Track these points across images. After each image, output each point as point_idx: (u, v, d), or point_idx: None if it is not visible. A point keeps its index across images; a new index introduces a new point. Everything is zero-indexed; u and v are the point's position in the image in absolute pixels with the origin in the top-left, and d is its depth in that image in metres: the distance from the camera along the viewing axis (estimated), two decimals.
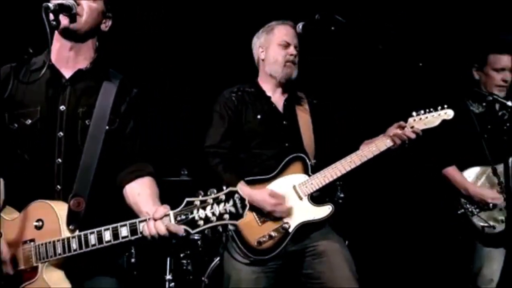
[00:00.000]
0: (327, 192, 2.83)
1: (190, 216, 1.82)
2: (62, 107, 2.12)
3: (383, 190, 4.34)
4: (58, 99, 2.13)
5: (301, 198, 2.73)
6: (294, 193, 2.74)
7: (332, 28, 2.51)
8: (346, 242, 3.62)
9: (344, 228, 2.90)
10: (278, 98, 2.94)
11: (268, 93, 2.93)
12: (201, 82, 4.20)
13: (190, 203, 1.84)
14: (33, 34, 2.03)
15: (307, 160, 2.79)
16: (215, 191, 1.82)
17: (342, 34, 2.52)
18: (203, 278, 3.78)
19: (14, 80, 2.03)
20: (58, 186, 2.09)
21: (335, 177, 2.74)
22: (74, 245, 1.97)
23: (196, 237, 3.82)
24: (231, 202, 1.79)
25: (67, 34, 2.13)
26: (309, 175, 2.77)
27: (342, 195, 3.80)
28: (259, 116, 2.84)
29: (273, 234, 2.67)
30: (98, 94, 2.16)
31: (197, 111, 3.94)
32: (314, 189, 2.73)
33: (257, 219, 2.70)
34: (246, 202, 1.81)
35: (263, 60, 2.96)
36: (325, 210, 2.73)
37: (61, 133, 2.11)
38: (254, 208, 2.66)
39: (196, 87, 4.23)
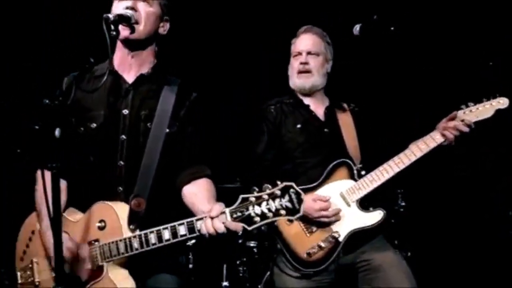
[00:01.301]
0: (384, 199, 2.75)
1: (246, 213, 1.83)
2: (125, 111, 2.21)
3: (447, 197, 4.14)
4: (122, 103, 2.22)
5: (349, 205, 2.65)
6: (342, 200, 2.67)
7: (392, 28, 2.45)
8: (408, 253, 3.51)
9: (405, 238, 2.79)
10: (317, 106, 2.91)
11: (306, 102, 2.90)
12: (260, 89, 4.23)
13: (245, 200, 1.85)
14: (97, 43, 2.12)
15: (352, 165, 2.73)
16: (270, 186, 1.83)
17: (402, 33, 2.45)
18: (259, 286, 3.75)
19: (77, 88, 2.13)
20: (120, 188, 2.17)
21: (383, 179, 2.65)
22: (135, 244, 2.04)
23: (252, 244, 3.84)
24: (287, 197, 1.80)
25: (128, 43, 2.23)
26: (355, 180, 2.70)
27: (403, 204, 3.66)
28: (299, 126, 2.81)
29: (322, 244, 2.59)
30: (159, 98, 2.23)
31: (251, 118, 3.97)
32: (363, 194, 2.66)
33: (305, 230, 2.64)
34: (302, 197, 1.80)
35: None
36: (376, 216, 2.63)
37: (124, 136, 2.19)
38: (301, 218, 2.59)
39: (254, 94, 4.25)
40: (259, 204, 1.81)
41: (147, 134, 2.18)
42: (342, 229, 2.61)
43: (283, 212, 1.79)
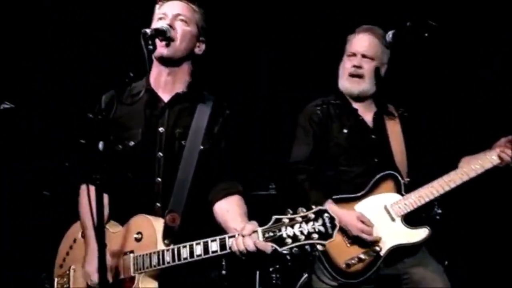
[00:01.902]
0: (423, 209, 2.66)
1: (278, 234, 1.82)
2: (161, 129, 2.24)
3: (486, 204, 4.00)
4: (158, 121, 2.25)
5: (393, 219, 2.60)
6: (386, 214, 2.61)
7: (426, 34, 2.34)
8: (446, 262, 3.41)
9: (442, 247, 2.74)
10: (365, 111, 2.81)
11: (354, 105, 2.80)
12: (288, 95, 4.18)
13: (278, 221, 1.84)
14: (133, 60, 2.15)
15: (400, 178, 2.65)
16: (304, 209, 1.82)
17: (436, 39, 2.36)
18: None
19: (118, 104, 2.17)
20: (158, 204, 2.20)
21: (431, 197, 2.57)
22: (167, 257, 2.06)
23: (285, 252, 3.83)
24: (320, 221, 1.78)
25: (163, 60, 2.25)
26: (402, 195, 2.63)
27: (439, 211, 3.50)
28: (345, 131, 2.72)
29: (362, 256, 2.55)
30: (193, 116, 2.27)
31: (284, 125, 3.94)
32: (408, 210, 2.59)
33: (345, 240, 2.60)
34: (336, 222, 1.78)
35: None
36: (421, 234, 2.57)
37: (161, 154, 2.22)
38: (343, 228, 2.57)
39: (282, 100, 4.22)
40: (292, 226, 1.81)
41: (182, 151, 2.22)
42: (384, 244, 2.56)
43: (315, 236, 1.78)
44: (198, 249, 2.00)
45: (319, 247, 1.75)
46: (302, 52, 4.01)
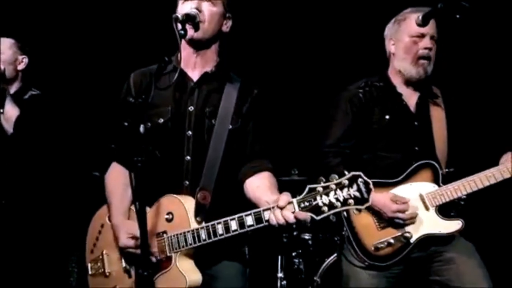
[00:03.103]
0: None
1: (314, 203, 1.82)
2: (190, 108, 2.26)
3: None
4: (187, 100, 2.27)
5: (427, 209, 2.57)
6: (421, 202, 2.58)
7: (457, 16, 2.22)
8: None
9: (468, 232, 2.65)
10: (410, 95, 2.72)
11: (399, 89, 2.72)
12: (312, 80, 4.17)
13: (312, 190, 1.84)
14: (162, 43, 2.17)
15: (439, 169, 2.61)
16: (337, 176, 1.82)
17: (468, 21, 2.25)
18: (315, 278, 3.76)
19: (155, 89, 2.14)
20: (186, 182, 2.22)
21: (469, 191, 2.53)
22: (203, 235, 2.08)
23: (307, 237, 3.84)
24: (355, 187, 1.77)
25: (193, 43, 2.27)
26: (439, 185, 2.59)
27: (464, 196, 3.49)
28: (387, 116, 2.65)
29: (392, 241, 2.53)
30: (221, 95, 2.29)
31: (307, 110, 3.94)
32: (444, 201, 2.55)
33: (376, 223, 2.57)
34: (371, 186, 1.77)
35: (393, 54, 2.73)
36: (454, 225, 2.55)
37: (190, 132, 2.24)
38: (374, 211, 2.55)
39: (306, 85, 4.20)
40: (327, 194, 1.81)
41: (211, 130, 2.24)
42: (415, 231, 2.54)
43: (351, 201, 1.77)
44: (234, 224, 2.02)
45: (355, 211, 1.76)
46: (331, 34, 3.99)
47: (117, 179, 2.31)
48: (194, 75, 2.31)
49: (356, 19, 3.88)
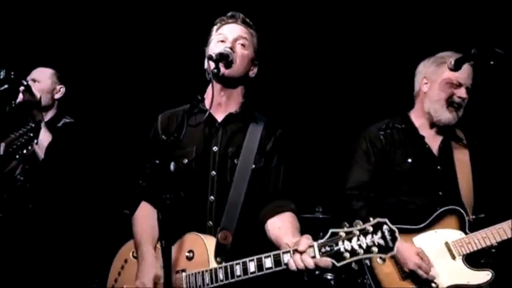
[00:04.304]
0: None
1: (335, 248, 1.76)
2: (215, 148, 2.26)
3: None
4: (212, 140, 2.27)
5: (454, 258, 2.48)
6: (447, 251, 2.50)
7: (492, 62, 2.19)
8: None
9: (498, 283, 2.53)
10: (433, 138, 2.69)
11: (422, 132, 2.69)
12: (335, 120, 4.13)
13: (335, 234, 1.78)
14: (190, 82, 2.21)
15: (465, 215, 2.53)
16: (361, 222, 1.75)
17: (502, 68, 2.22)
18: None
19: (187, 126, 2.14)
20: (210, 222, 2.20)
21: (498, 240, 2.44)
22: (221, 275, 2.02)
23: (329, 277, 3.73)
24: (379, 234, 1.70)
25: (222, 80, 2.27)
26: (466, 233, 2.51)
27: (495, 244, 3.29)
28: (409, 160, 2.62)
29: None
30: (245, 135, 2.28)
31: (331, 149, 3.86)
32: (472, 250, 2.47)
33: (400, 272, 2.50)
34: (397, 234, 1.70)
35: (425, 93, 2.70)
36: (483, 277, 2.45)
37: (214, 172, 2.23)
38: (397, 261, 2.49)
39: (329, 125, 4.16)
40: (350, 240, 1.74)
41: (234, 170, 2.22)
42: (442, 282, 2.45)
43: (375, 249, 1.69)
44: (252, 266, 1.96)
45: (379, 260, 1.64)
46: (352, 75, 3.97)
47: (146, 220, 2.29)
48: (219, 115, 2.32)
49: (376, 58, 3.86)
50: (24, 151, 2.76)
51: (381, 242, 1.70)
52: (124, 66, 3.92)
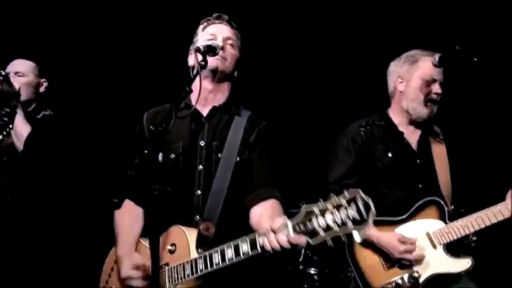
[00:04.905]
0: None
1: (310, 226, 1.71)
2: (201, 142, 2.27)
3: None
4: (198, 135, 2.29)
5: (435, 247, 2.52)
6: (427, 240, 2.53)
7: (475, 59, 2.24)
8: None
9: (478, 276, 2.58)
10: (411, 134, 2.74)
11: (400, 128, 2.74)
12: (321, 113, 4.11)
13: (309, 212, 1.74)
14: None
15: (444, 206, 2.57)
16: (335, 197, 1.70)
17: (486, 65, 2.27)
18: None
19: (175, 117, 2.11)
20: (197, 217, 2.19)
21: (477, 228, 2.49)
22: (200, 265, 2.00)
23: (312, 272, 3.68)
24: (353, 207, 1.64)
25: (214, 73, 2.28)
26: (445, 223, 2.54)
27: (474, 238, 3.30)
28: (390, 154, 2.66)
29: (400, 282, 2.46)
30: (229, 129, 2.30)
31: (314, 142, 3.84)
32: (452, 239, 2.51)
33: (383, 263, 2.52)
34: (371, 205, 1.64)
35: (401, 92, 2.75)
36: (463, 264, 2.49)
37: (201, 166, 2.24)
38: (380, 251, 2.51)
39: (316, 118, 4.14)
40: (324, 216, 1.68)
41: (218, 163, 2.23)
42: (424, 270, 2.47)
43: (349, 223, 1.63)
44: (229, 252, 1.93)
45: (356, 236, 1.63)
46: (352, 75, 3.97)
47: (125, 215, 2.29)
48: (204, 110, 2.34)
49: (376, 58, 3.89)
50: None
51: (356, 215, 1.63)
52: (106, 59, 3.90)
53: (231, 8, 2.43)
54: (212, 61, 2.21)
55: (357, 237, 1.66)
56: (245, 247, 1.91)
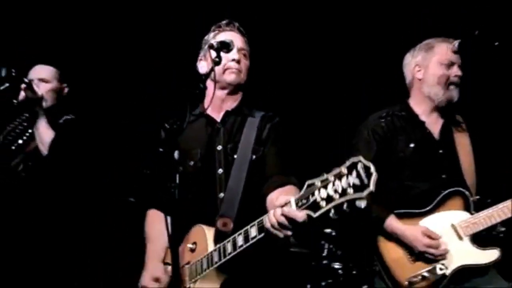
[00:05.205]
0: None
1: (312, 199, 1.67)
2: (219, 147, 2.31)
3: None
4: (214, 140, 2.33)
5: (461, 238, 2.44)
6: (453, 232, 2.45)
7: (496, 43, 2.20)
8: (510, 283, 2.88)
9: (507, 268, 2.48)
10: (433, 123, 2.67)
11: (422, 117, 2.67)
12: (339, 109, 4.05)
13: (311, 185, 1.70)
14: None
15: (469, 196, 2.49)
16: (336, 168, 1.65)
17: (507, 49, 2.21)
18: None
19: (189, 116, 2.20)
20: None
21: (503, 218, 2.40)
22: (215, 257, 2.02)
23: (337, 266, 3.63)
24: (354, 174, 1.57)
25: (231, 86, 2.35)
26: (471, 213, 2.46)
27: (502, 229, 3.07)
28: (412, 145, 2.59)
29: (426, 275, 2.38)
30: (243, 129, 2.33)
31: (331, 137, 3.80)
32: (478, 230, 2.42)
33: (408, 256, 2.46)
34: (372, 170, 1.56)
35: (420, 79, 2.70)
36: (491, 255, 2.40)
37: (221, 170, 2.26)
38: (405, 244, 2.46)
39: (334, 113, 4.09)
40: (325, 187, 1.64)
41: (233, 164, 2.26)
42: (450, 263, 2.39)
43: (350, 190, 1.56)
44: (240, 240, 1.94)
45: (358, 203, 1.59)
46: (352, 75, 3.96)
47: (154, 224, 2.37)
48: (218, 115, 2.38)
49: (377, 58, 3.84)
50: (20, 141, 2.87)
51: (356, 181, 1.56)
52: (122, 63, 3.94)
53: (231, 8, 2.50)
54: (230, 76, 2.32)
55: (359, 204, 1.58)
56: (253, 232, 1.91)
